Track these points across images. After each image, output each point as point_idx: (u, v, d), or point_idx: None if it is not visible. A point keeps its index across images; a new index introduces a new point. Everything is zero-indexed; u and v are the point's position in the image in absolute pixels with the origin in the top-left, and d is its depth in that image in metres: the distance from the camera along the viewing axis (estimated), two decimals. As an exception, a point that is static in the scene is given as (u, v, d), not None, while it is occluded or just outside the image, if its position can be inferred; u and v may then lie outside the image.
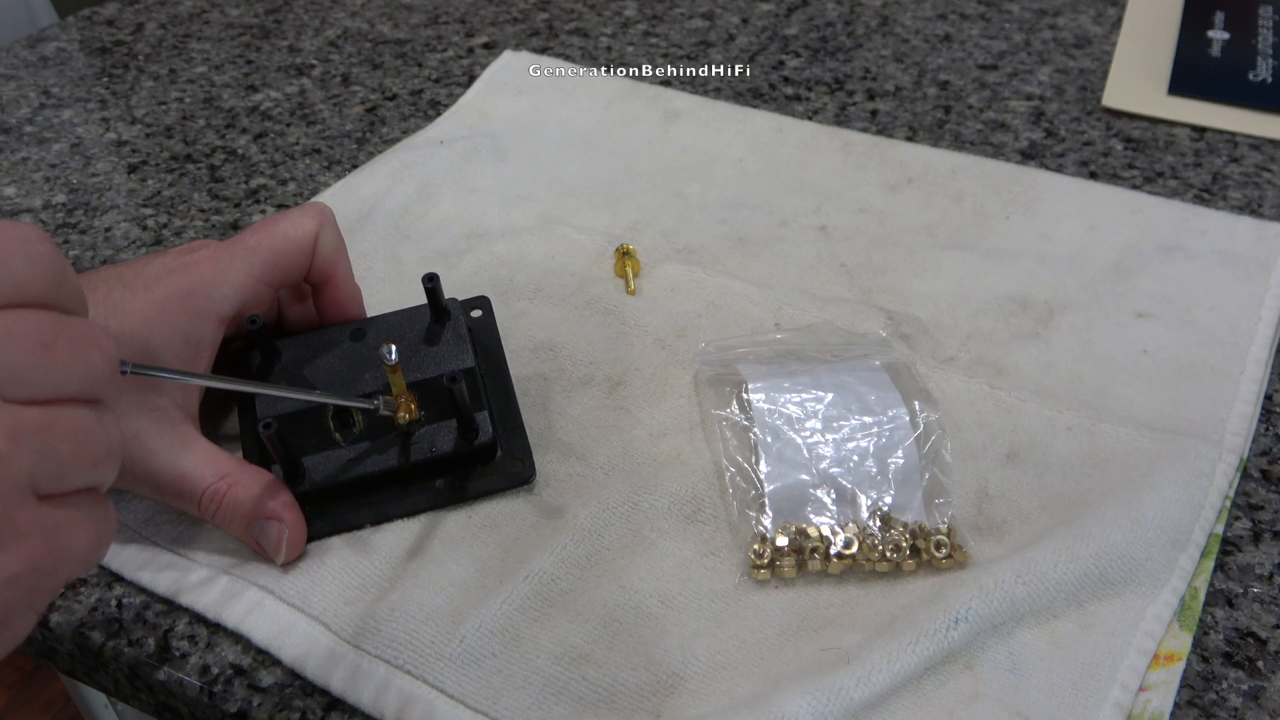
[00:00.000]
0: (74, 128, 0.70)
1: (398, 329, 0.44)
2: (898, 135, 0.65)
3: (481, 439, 0.42)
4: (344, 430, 0.42)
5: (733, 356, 0.48)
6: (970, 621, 0.37)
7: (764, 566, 0.40)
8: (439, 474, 0.43)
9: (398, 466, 0.41)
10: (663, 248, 0.56)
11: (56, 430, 0.27)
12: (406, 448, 0.42)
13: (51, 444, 0.27)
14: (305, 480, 0.41)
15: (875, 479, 0.42)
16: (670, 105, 0.68)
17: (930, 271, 0.54)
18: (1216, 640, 0.39)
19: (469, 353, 0.44)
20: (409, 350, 0.43)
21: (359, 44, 0.78)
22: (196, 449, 0.41)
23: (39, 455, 0.27)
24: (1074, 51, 0.73)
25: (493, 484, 0.43)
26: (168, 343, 0.40)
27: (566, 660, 0.38)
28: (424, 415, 0.42)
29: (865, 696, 0.35)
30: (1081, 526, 0.40)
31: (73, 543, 0.28)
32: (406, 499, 0.42)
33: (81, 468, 0.28)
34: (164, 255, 0.43)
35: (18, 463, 0.26)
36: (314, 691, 0.38)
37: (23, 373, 0.27)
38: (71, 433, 0.28)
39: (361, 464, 0.41)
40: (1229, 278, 0.53)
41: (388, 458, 0.42)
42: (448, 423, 0.42)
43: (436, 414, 0.42)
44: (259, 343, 0.43)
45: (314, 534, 0.41)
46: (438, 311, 0.44)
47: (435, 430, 0.42)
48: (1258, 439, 0.46)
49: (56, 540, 0.28)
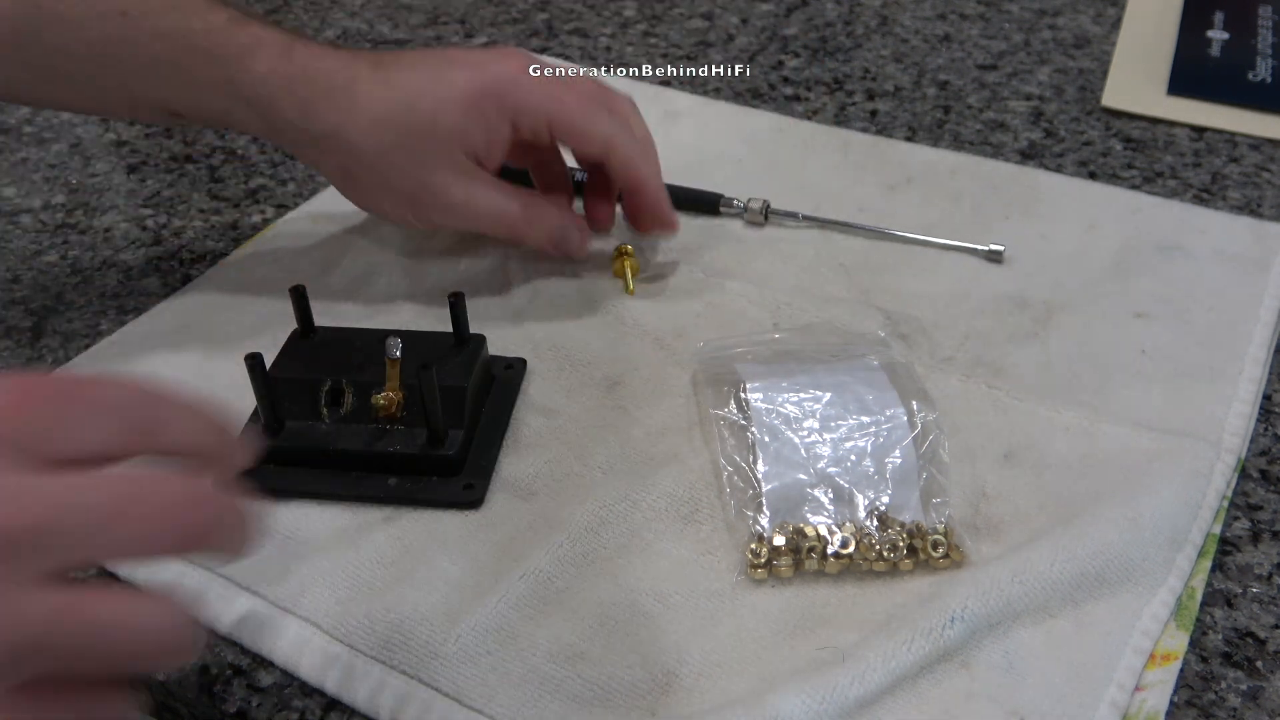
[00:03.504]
0: (73, 128, 0.70)
1: (424, 343, 0.46)
2: (897, 135, 0.65)
3: (446, 450, 0.43)
4: (331, 409, 0.44)
5: (731, 356, 0.48)
6: (967, 620, 0.37)
7: (761, 566, 0.40)
8: (397, 472, 0.44)
9: (361, 451, 0.43)
10: (661, 247, 0.56)
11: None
12: (377, 438, 0.44)
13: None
14: (282, 435, 0.44)
15: (873, 478, 0.42)
16: (670, 105, 0.68)
17: (929, 271, 0.54)
18: (1215, 640, 0.39)
19: (467, 375, 0.45)
20: (419, 358, 0.43)
21: (359, 44, 0.78)
22: (499, 194, 0.50)
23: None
24: (1073, 51, 0.73)
25: (436, 496, 0.43)
26: (477, 130, 0.48)
27: (563, 658, 0.38)
28: (404, 415, 0.44)
29: (861, 695, 0.35)
30: (1079, 526, 0.40)
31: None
32: (358, 486, 0.43)
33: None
34: (466, 51, 0.51)
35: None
36: (313, 692, 0.38)
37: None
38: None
39: (332, 439, 0.44)
40: (1227, 278, 0.53)
41: (356, 441, 0.44)
42: (422, 430, 0.44)
43: (417, 420, 0.44)
44: (299, 310, 0.47)
45: (275, 490, 0.43)
46: (459, 334, 0.46)
47: (409, 432, 0.44)
48: (1257, 439, 0.46)
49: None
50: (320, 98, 0.47)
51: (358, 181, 0.50)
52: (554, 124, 0.49)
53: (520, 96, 0.48)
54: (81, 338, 0.53)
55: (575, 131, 0.49)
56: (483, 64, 0.49)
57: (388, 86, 0.48)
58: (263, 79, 0.47)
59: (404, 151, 0.48)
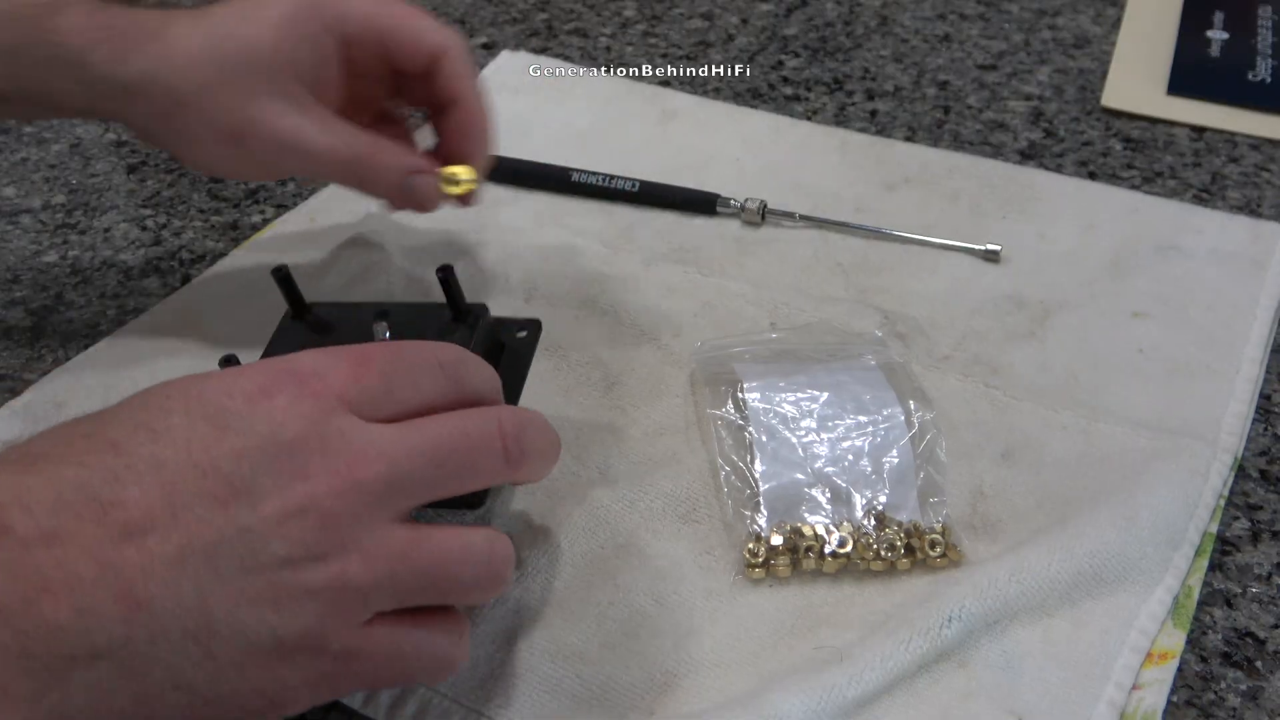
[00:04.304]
0: (73, 128, 0.70)
1: (419, 318, 0.43)
2: (897, 135, 0.65)
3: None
4: None
5: (728, 356, 0.48)
6: (964, 620, 0.37)
7: (759, 566, 0.40)
8: None
9: None
10: (659, 247, 0.56)
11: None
12: None
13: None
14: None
15: (870, 478, 0.42)
16: (667, 105, 0.68)
17: (926, 271, 0.54)
18: (1215, 640, 0.39)
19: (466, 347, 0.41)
20: (415, 337, 0.40)
21: (358, 45, 0.78)
22: (339, 126, 0.45)
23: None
24: (1073, 51, 0.73)
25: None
26: (300, 51, 0.44)
27: (561, 658, 0.38)
28: None
29: (859, 694, 0.35)
30: (1076, 525, 0.40)
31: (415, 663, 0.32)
32: None
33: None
34: None
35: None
36: (310, 690, 0.38)
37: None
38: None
39: None
40: (1225, 277, 0.53)
41: None
42: None
43: None
44: (286, 291, 0.44)
45: None
46: (456, 308, 0.43)
47: None
48: (1256, 439, 0.46)
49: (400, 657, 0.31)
50: (131, 45, 0.44)
51: (179, 132, 0.45)
52: (382, 31, 0.45)
53: (342, 6, 0.45)
54: (81, 338, 0.53)
55: (406, 36, 0.46)
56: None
57: (201, 23, 0.44)
58: (71, 31, 0.43)
59: (225, 86, 0.44)
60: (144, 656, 0.27)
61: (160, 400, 0.30)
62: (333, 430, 0.30)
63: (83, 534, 0.27)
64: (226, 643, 0.28)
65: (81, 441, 0.29)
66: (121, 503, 0.27)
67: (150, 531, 0.27)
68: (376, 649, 0.30)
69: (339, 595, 0.29)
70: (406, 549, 0.30)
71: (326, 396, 0.30)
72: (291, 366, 0.31)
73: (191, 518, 0.28)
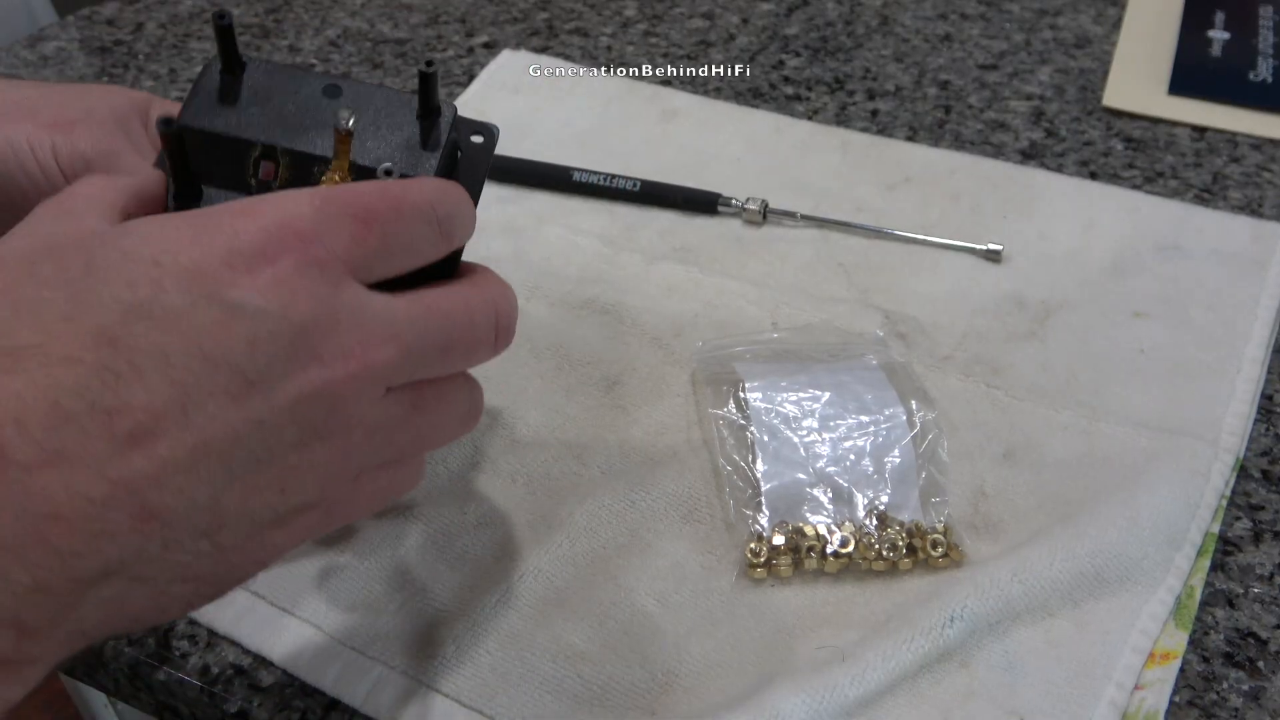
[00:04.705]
0: (74, 128, 0.70)
1: (378, 106, 0.36)
2: (898, 135, 0.65)
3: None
4: (260, 184, 0.35)
5: (730, 356, 0.48)
6: (966, 620, 0.37)
7: (760, 565, 0.40)
8: None
9: None
10: (660, 246, 0.56)
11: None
12: None
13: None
14: (199, 206, 0.35)
15: (872, 478, 0.42)
16: (668, 104, 0.68)
17: (927, 271, 0.54)
18: (1217, 640, 0.39)
19: (432, 163, 0.36)
20: (373, 131, 0.36)
21: (359, 44, 0.78)
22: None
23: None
24: (1074, 51, 0.73)
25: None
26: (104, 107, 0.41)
27: (562, 658, 0.38)
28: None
29: (860, 694, 0.35)
30: (1078, 525, 0.40)
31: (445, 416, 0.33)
32: None
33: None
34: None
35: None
36: (314, 691, 0.38)
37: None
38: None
39: None
40: (1226, 277, 0.53)
41: None
42: None
43: None
44: (224, 46, 0.37)
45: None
46: (426, 107, 0.36)
47: None
48: (1258, 439, 0.46)
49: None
50: None
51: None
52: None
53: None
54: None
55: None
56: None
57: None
58: None
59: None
60: (156, 561, 0.26)
61: (146, 269, 0.26)
62: (342, 306, 0.28)
63: (88, 451, 0.24)
64: (233, 532, 0.27)
65: (63, 327, 0.25)
66: (127, 408, 0.25)
67: (160, 436, 0.25)
68: (360, 499, 0.31)
69: (340, 467, 0.29)
70: (404, 419, 0.31)
71: (332, 265, 0.28)
72: (290, 223, 0.28)
73: (204, 417, 0.26)
